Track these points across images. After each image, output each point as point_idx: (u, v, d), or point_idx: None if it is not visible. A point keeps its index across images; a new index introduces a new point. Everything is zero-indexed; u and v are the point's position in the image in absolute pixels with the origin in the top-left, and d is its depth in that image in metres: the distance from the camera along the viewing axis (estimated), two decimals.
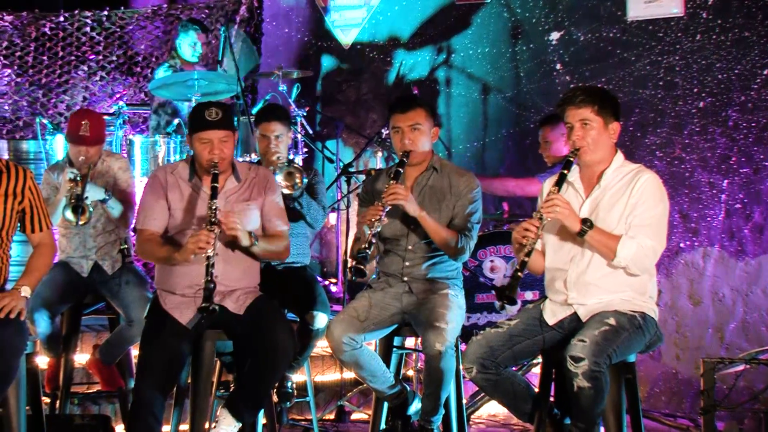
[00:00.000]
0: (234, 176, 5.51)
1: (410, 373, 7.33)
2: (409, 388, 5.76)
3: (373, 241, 5.36)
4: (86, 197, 6.16)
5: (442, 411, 5.50)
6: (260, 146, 6.50)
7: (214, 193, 5.23)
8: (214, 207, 5.17)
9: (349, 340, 5.48)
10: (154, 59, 10.56)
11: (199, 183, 5.48)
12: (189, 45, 9.23)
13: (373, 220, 5.36)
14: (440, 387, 5.39)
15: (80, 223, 6.18)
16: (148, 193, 5.50)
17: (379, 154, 9.34)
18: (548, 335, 5.19)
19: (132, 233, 6.53)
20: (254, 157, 7.30)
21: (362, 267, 5.30)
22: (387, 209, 5.39)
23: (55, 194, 6.38)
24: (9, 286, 5.23)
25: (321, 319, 6.12)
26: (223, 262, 5.32)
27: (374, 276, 5.90)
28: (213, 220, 5.13)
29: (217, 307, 5.07)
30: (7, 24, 10.69)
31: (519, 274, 4.93)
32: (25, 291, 5.10)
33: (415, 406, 5.69)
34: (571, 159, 5.13)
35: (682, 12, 8.54)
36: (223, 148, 5.35)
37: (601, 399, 4.79)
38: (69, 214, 6.17)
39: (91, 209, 6.19)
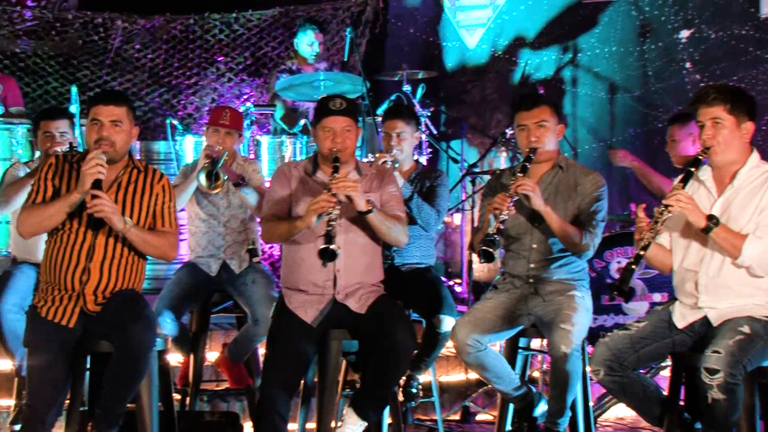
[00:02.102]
0: (356, 170, 5.54)
1: (536, 374, 7.27)
2: (534, 390, 5.71)
3: (501, 227, 5.33)
4: (220, 166, 6.31)
5: (569, 413, 5.44)
6: (384, 144, 6.54)
7: (335, 170, 5.25)
8: (332, 178, 5.20)
9: (474, 342, 5.45)
10: (280, 60, 10.67)
11: (322, 176, 5.51)
12: (307, 44, 9.34)
13: (500, 208, 5.33)
14: (566, 389, 5.34)
15: (213, 190, 6.32)
16: (274, 184, 5.58)
17: (504, 154, 9.30)
18: (678, 338, 5.11)
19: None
20: None
21: (491, 250, 5.26)
22: (515, 199, 5.36)
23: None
24: (145, 284, 5.36)
25: (448, 323, 6.09)
26: (345, 258, 5.35)
27: (498, 277, 5.87)
28: (330, 186, 5.16)
29: (338, 250, 5.08)
30: (139, 27, 10.94)
31: (632, 267, 4.86)
32: (129, 221, 5.13)
33: (542, 408, 5.64)
34: (701, 158, 5.04)
35: None
36: (346, 138, 5.39)
37: (736, 410, 4.69)
38: (202, 179, 6.30)
39: (224, 177, 6.30)
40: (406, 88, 8.96)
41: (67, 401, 5.16)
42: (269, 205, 5.54)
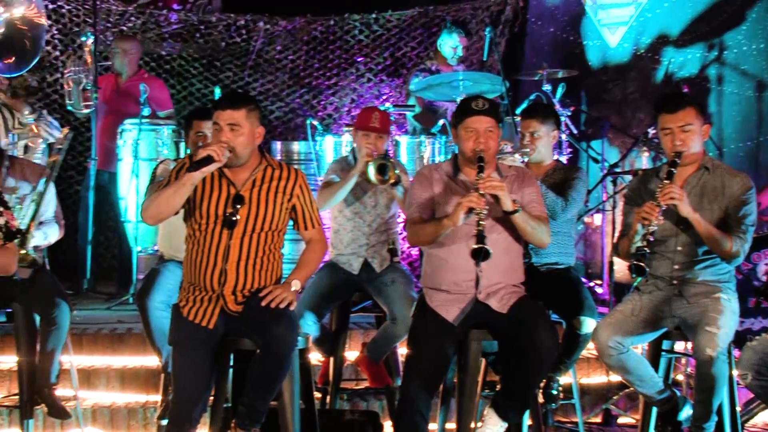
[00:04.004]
0: (497, 171, 5.51)
1: (680, 377, 7.15)
2: (679, 394, 5.62)
3: (651, 239, 5.25)
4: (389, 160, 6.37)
5: (715, 418, 5.35)
6: (519, 143, 6.51)
7: (480, 170, 5.24)
8: (478, 178, 5.20)
9: (615, 344, 5.40)
10: (420, 60, 10.70)
11: (463, 177, 5.51)
12: (451, 47, 9.37)
13: (649, 218, 5.25)
14: (712, 393, 5.26)
15: (386, 183, 6.34)
16: (416, 187, 5.58)
17: (646, 153, 9.18)
18: None
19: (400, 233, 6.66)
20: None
21: (642, 264, 5.21)
22: (663, 209, 5.27)
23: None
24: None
25: (589, 324, 6.02)
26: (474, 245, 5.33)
27: (640, 278, 5.78)
28: (477, 186, 5.16)
29: (490, 250, 5.06)
30: (280, 29, 11.09)
31: None
32: (296, 285, 5.27)
33: (686, 413, 5.54)
34: None
35: None
36: (488, 139, 5.37)
37: None
38: (372, 171, 6.33)
39: (396, 170, 6.33)
40: (546, 87, 8.89)
41: (212, 398, 5.27)
42: (412, 208, 5.54)
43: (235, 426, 5.18)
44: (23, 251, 6.07)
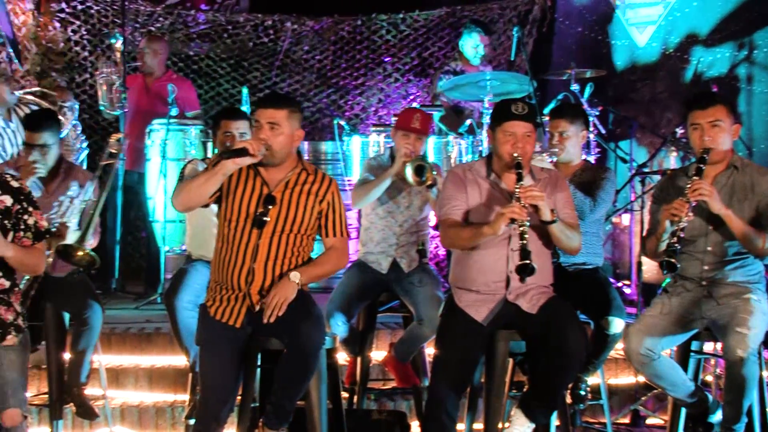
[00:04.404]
0: (531, 174, 5.50)
1: (709, 378, 7.11)
2: (711, 398, 5.59)
3: (681, 235, 5.23)
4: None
5: (745, 419, 5.34)
6: (548, 143, 6.50)
7: (519, 177, 5.23)
8: (519, 186, 5.18)
9: (647, 351, 5.40)
10: (446, 60, 10.69)
11: (497, 179, 5.49)
12: (472, 47, 9.36)
13: (679, 215, 5.23)
14: (742, 394, 5.24)
15: (423, 184, 6.32)
16: (449, 187, 5.55)
17: (674, 153, 9.12)
18: None
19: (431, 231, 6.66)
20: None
21: (674, 261, 5.19)
22: (692, 205, 5.25)
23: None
24: (314, 283, 5.41)
25: (617, 325, 6.00)
26: (519, 261, 5.32)
27: (668, 279, 5.76)
28: (518, 196, 5.15)
29: (535, 266, 5.06)
30: (308, 29, 11.11)
31: None
32: (294, 277, 5.18)
33: (718, 416, 5.52)
34: None
35: None
36: (526, 144, 5.34)
37: None
38: (409, 172, 6.31)
39: (434, 171, 6.33)
40: (574, 87, 8.86)
41: (239, 397, 5.28)
42: (445, 209, 5.51)
43: (262, 425, 5.20)
44: (81, 253, 6.15)
